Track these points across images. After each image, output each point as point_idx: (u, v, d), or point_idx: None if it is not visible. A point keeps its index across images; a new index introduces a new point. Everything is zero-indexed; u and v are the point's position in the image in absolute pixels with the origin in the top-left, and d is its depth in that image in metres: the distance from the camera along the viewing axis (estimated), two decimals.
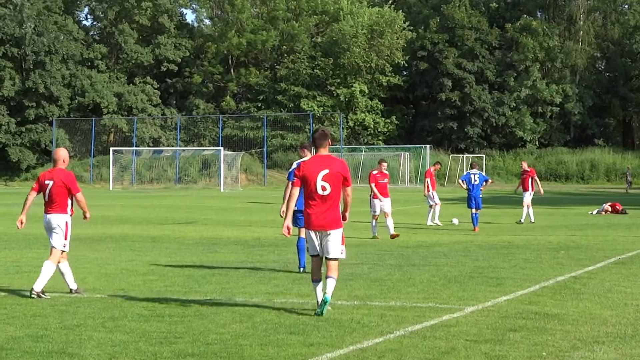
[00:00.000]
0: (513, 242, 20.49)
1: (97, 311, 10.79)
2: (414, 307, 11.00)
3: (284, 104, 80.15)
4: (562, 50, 79.71)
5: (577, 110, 78.31)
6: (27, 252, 18.46)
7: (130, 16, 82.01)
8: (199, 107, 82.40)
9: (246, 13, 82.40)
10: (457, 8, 79.72)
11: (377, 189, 22.12)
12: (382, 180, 22.28)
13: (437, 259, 16.77)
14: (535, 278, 13.73)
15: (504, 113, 77.52)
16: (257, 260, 16.65)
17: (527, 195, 28.29)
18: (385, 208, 22.04)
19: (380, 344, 8.84)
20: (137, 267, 15.59)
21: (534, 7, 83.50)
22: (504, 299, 11.66)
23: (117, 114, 79.81)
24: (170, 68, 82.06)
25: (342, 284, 13.14)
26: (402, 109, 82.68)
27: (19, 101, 76.05)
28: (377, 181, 22.17)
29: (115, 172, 71.95)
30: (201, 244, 20.53)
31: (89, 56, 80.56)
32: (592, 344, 8.83)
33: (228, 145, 74.44)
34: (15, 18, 75.45)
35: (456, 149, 77.31)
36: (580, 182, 72.35)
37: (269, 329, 9.58)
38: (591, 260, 16.42)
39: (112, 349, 8.63)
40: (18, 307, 11.15)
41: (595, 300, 11.64)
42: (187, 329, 9.61)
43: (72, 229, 12.24)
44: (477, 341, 8.92)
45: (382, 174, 22.34)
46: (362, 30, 78.61)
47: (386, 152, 74.04)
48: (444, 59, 77.73)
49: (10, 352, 8.49)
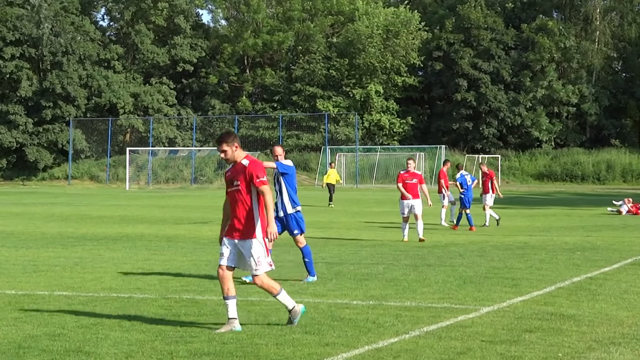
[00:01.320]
0: (529, 243, 20.43)
1: (113, 310, 10.83)
2: (430, 308, 10.99)
3: (299, 104, 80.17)
4: (579, 50, 79.36)
5: (593, 110, 77.96)
6: (44, 252, 18.54)
7: (146, 17, 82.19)
8: (215, 108, 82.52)
9: (262, 13, 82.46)
10: (473, 8, 79.48)
11: (405, 189, 21.03)
12: (411, 180, 21.15)
13: (453, 259, 16.75)
14: (551, 279, 13.69)
15: (519, 113, 77.26)
16: (272, 260, 16.62)
17: (488, 198, 27.51)
18: (415, 209, 20.94)
19: (395, 344, 8.84)
20: (153, 267, 15.64)
21: (550, 7, 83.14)
22: (520, 299, 11.64)
23: (133, 114, 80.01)
24: (186, 68, 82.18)
25: (357, 284, 13.16)
26: (417, 109, 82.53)
27: (36, 101, 76.33)
28: (405, 181, 21.11)
29: (131, 172, 72.12)
30: (217, 244, 20.52)
31: (105, 56, 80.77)
32: (608, 345, 8.80)
33: (243, 145, 73.79)
34: (33, 19, 75.73)
35: (472, 150, 77.08)
36: (596, 182, 72.02)
37: (284, 329, 9.60)
38: (607, 261, 16.36)
39: (129, 347, 8.66)
40: (35, 305, 11.20)
41: (611, 301, 11.60)
42: (203, 329, 9.63)
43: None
44: (492, 342, 8.91)
45: (410, 173, 21.27)
46: (378, 31, 78.52)
47: (401, 152, 73.92)
48: (459, 59, 77.55)
49: (27, 351, 8.53)
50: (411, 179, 21.21)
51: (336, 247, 19.51)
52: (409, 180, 21.17)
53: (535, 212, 35.28)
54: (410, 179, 21.20)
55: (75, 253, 18.30)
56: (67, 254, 18.13)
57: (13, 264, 15.97)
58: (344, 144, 76.50)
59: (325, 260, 16.53)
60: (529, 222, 28.59)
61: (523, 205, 41.04)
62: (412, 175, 21.29)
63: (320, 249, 19.20)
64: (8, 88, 77.27)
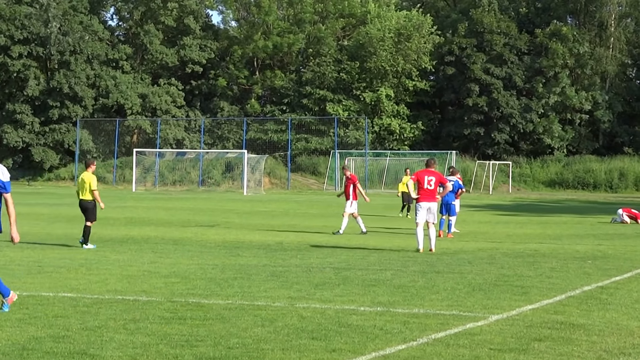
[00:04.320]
0: (539, 251, 20.30)
1: (118, 313, 10.77)
2: (438, 315, 10.90)
3: (309, 107, 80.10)
4: (593, 56, 79.07)
5: (607, 117, 77.68)
6: (49, 252, 18.51)
7: (155, 17, 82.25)
8: (224, 110, 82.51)
9: (273, 15, 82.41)
10: (486, 13, 79.28)
11: (422, 193, 19.47)
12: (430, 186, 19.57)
13: (462, 266, 16.63)
14: (562, 287, 13.58)
15: (531, 119, 77.00)
16: (279, 265, 16.58)
17: (348, 205, 25.41)
18: (430, 217, 19.48)
19: (402, 351, 8.76)
20: (159, 269, 15.57)
21: (564, 13, 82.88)
22: (529, 308, 11.54)
23: (141, 115, 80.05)
24: (195, 70, 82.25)
25: (365, 290, 13.07)
26: (428, 114, 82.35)
27: (43, 101, 76.43)
28: (423, 185, 19.55)
29: (138, 174, 72.13)
30: (223, 247, 20.50)
31: (113, 56, 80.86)
32: (618, 356, 8.71)
33: (252, 148, 74.51)
34: (41, 17, 75.89)
35: (483, 156, 76.89)
36: (608, 191, 71.76)
37: (290, 334, 9.52)
38: (618, 270, 16.23)
39: (133, 351, 8.60)
40: (40, 307, 11.15)
41: (622, 310, 11.49)
42: (209, 333, 9.56)
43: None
44: (501, 350, 8.82)
45: (430, 172, 19.74)
46: (389, 34, 78.36)
47: (411, 157, 73.80)
48: (471, 64, 77.36)
49: (31, 353, 8.49)
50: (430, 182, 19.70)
51: (344, 253, 19.42)
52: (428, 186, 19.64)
53: (546, 219, 35.12)
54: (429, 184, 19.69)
55: (81, 254, 18.27)
56: (72, 255, 18.10)
57: (18, 265, 15.94)
58: (354, 148, 76.41)
59: (333, 266, 16.45)
60: (539, 230, 28.43)
61: (534, 212, 40.90)
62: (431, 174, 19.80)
63: (328, 254, 19.12)
64: (15, 87, 77.47)
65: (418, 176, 19.79)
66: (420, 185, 19.60)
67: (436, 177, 19.72)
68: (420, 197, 19.54)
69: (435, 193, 19.69)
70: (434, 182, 19.63)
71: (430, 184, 19.55)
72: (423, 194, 19.50)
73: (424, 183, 19.52)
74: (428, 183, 19.54)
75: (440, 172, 20.99)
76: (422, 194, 19.53)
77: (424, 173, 19.76)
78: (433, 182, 19.59)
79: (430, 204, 19.53)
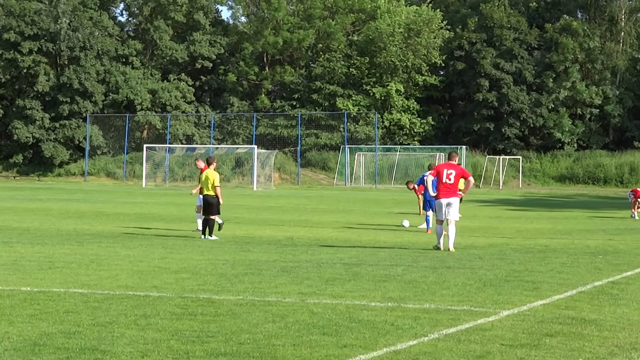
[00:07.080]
0: (550, 246, 20.26)
1: (129, 309, 10.76)
2: (449, 310, 10.88)
3: (319, 102, 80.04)
4: (603, 51, 78.82)
5: (617, 112, 77.44)
6: (60, 248, 18.53)
7: (165, 12, 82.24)
8: (233, 105, 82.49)
9: (282, 11, 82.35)
10: (496, 7, 79.06)
11: (441, 188, 18.68)
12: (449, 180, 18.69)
13: (472, 261, 16.60)
14: (573, 283, 13.54)
15: (541, 114, 76.81)
16: (290, 260, 16.57)
17: None
18: (449, 213, 18.61)
19: (414, 346, 8.74)
20: (170, 265, 15.57)
21: (574, 7, 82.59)
22: (540, 303, 11.50)
23: (150, 111, 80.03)
24: (204, 65, 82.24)
25: (376, 285, 13.05)
26: (438, 109, 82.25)
27: (53, 96, 76.52)
28: (442, 179, 18.70)
29: (148, 169, 72.21)
30: (234, 243, 20.51)
31: (123, 52, 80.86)
32: (629, 351, 8.68)
33: (262, 143, 74.49)
34: (51, 13, 75.97)
35: (493, 151, 76.75)
36: (619, 185, 71.52)
37: (301, 330, 9.50)
38: (630, 265, 16.18)
39: (144, 346, 8.59)
40: (51, 303, 11.15)
41: (633, 306, 11.45)
42: (220, 328, 9.55)
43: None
44: (512, 345, 8.80)
45: (450, 165, 18.90)
46: (399, 29, 78.26)
47: (421, 152, 73.74)
48: (481, 59, 77.19)
49: (43, 348, 8.49)
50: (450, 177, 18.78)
51: (354, 248, 19.41)
52: (447, 179, 18.73)
53: (556, 214, 35.06)
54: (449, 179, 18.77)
55: (91, 250, 18.29)
56: (83, 250, 18.12)
57: (29, 261, 15.95)
58: (364, 143, 76.34)
59: (343, 261, 16.43)
60: (550, 225, 28.38)
61: (544, 207, 40.81)
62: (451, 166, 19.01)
63: (339, 249, 19.11)
64: (25, 83, 77.54)
65: (438, 169, 19.00)
66: (439, 179, 18.67)
67: (457, 171, 18.70)
68: (439, 194, 18.69)
69: (455, 188, 18.68)
70: (454, 176, 18.60)
71: (449, 178, 18.56)
72: (442, 189, 18.61)
73: (443, 177, 18.59)
74: (447, 177, 18.56)
75: (461, 166, 20.37)
76: (441, 189, 18.63)
77: (444, 166, 18.93)
78: (453, 176, 18.58)
79: (450, 199, 18.59)
